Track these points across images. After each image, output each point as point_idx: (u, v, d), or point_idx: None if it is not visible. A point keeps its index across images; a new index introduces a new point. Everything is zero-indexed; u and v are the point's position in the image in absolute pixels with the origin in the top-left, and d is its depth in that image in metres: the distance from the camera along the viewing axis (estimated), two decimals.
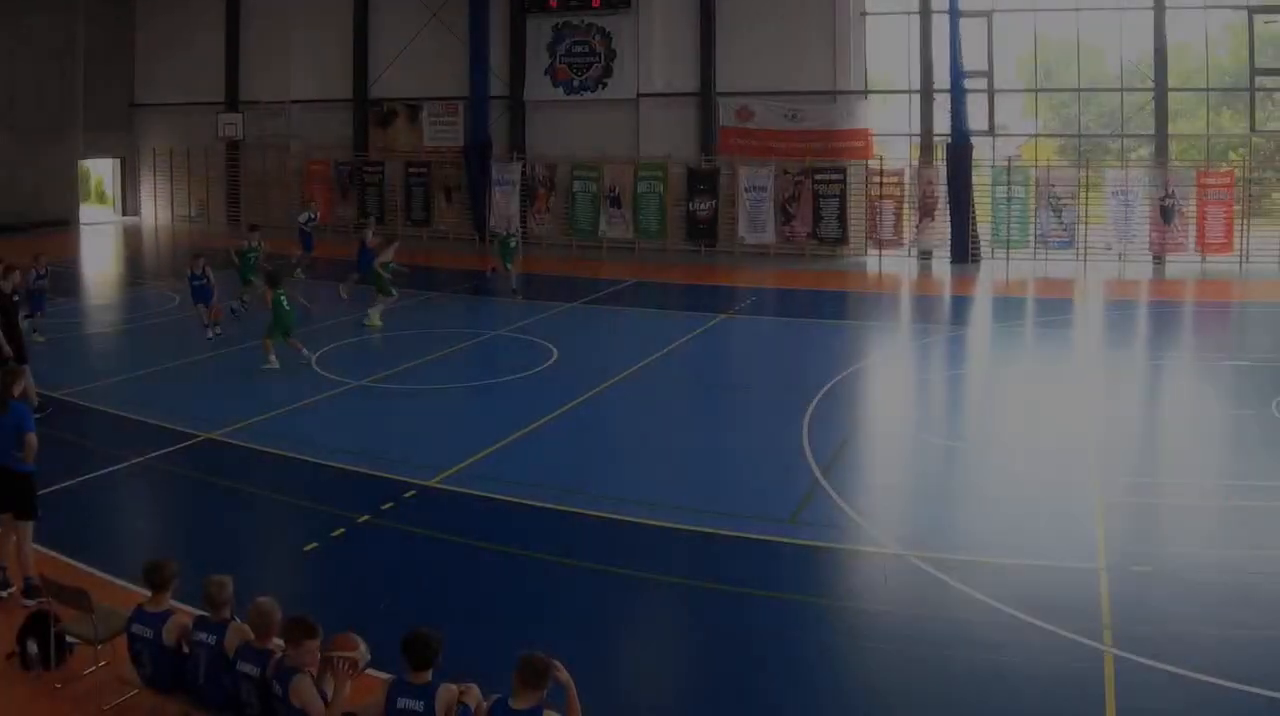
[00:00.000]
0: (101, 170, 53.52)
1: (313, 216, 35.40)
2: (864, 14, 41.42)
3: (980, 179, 39.42)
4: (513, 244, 32.23)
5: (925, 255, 40.49)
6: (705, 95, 41.87)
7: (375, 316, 27.20)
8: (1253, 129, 39.81)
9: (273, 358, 22.60)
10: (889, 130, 41.45)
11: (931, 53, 39.63)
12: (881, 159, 40.27)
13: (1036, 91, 41.88)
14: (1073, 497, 15.55)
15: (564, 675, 7.77)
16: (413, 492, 15.63)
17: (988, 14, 39.90)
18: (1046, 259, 38.78)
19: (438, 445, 17.95)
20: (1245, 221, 37.56)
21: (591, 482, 16.17)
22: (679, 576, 13.34)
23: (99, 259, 43.16)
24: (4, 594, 11.87)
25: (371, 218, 38.50)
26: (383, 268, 27.32)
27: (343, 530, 14.18)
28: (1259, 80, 39.11)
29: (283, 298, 22.73)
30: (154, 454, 17.45)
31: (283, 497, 16.02)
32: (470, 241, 43.73)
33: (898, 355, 26.20)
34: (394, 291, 27.49)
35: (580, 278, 36.34)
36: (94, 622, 10.05)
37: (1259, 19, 38.89)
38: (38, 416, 15.44)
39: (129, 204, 52.27)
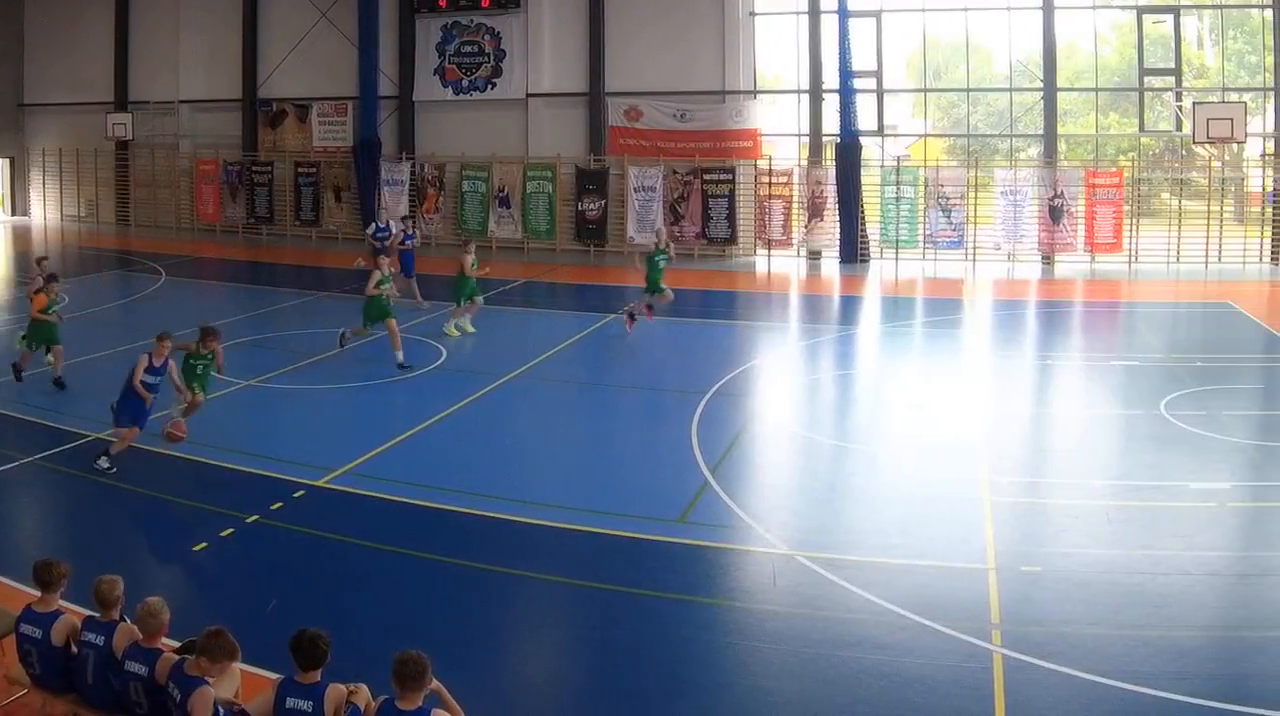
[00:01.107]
0: None
1: (406, 230, 30.57)
2: (753, 14, 39.26)
3: (869, 179, 37.61)
4: (664, 263, 26.02)
5: (814, 255, 38.57)
6: (594, 95, 39.68)
7: (465, 323, 25.47)
8: (1142, 129, 38.46)
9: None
10: (778, 130, 39.43)
11: (820, 53, 37.85)
12: (770, 159, 38.40)
13: (925, 91, 40.16)
14: (962, 498, 15.01)
15: (435, 683, 7.50)
16: (302, 492, 15.01)
17: (876, 14, 37.96)
18: (935, 259, 37.25)
19: (327, 445, 17.23)
20: (1134, 221, 36.53)
21: (480, 482, 15.46)
22: (567, 576, 12.85)
23: None
24: None
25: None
26: (469, 271, 25.21)
27: (232, 530, 13.66)
28: (1148, 80, 37.59)
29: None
30: (42, 455, 16.63)
31: (172, 497, 15.18)
32: (359, 241, 40.03)
33: (787, 355, 25.18)
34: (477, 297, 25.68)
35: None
36: None
37: (1148, 19, 37.39)
38: None
39: (18, 204, 49.20)
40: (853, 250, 37.24)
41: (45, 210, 49.04)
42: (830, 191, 37.46)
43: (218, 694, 7.75)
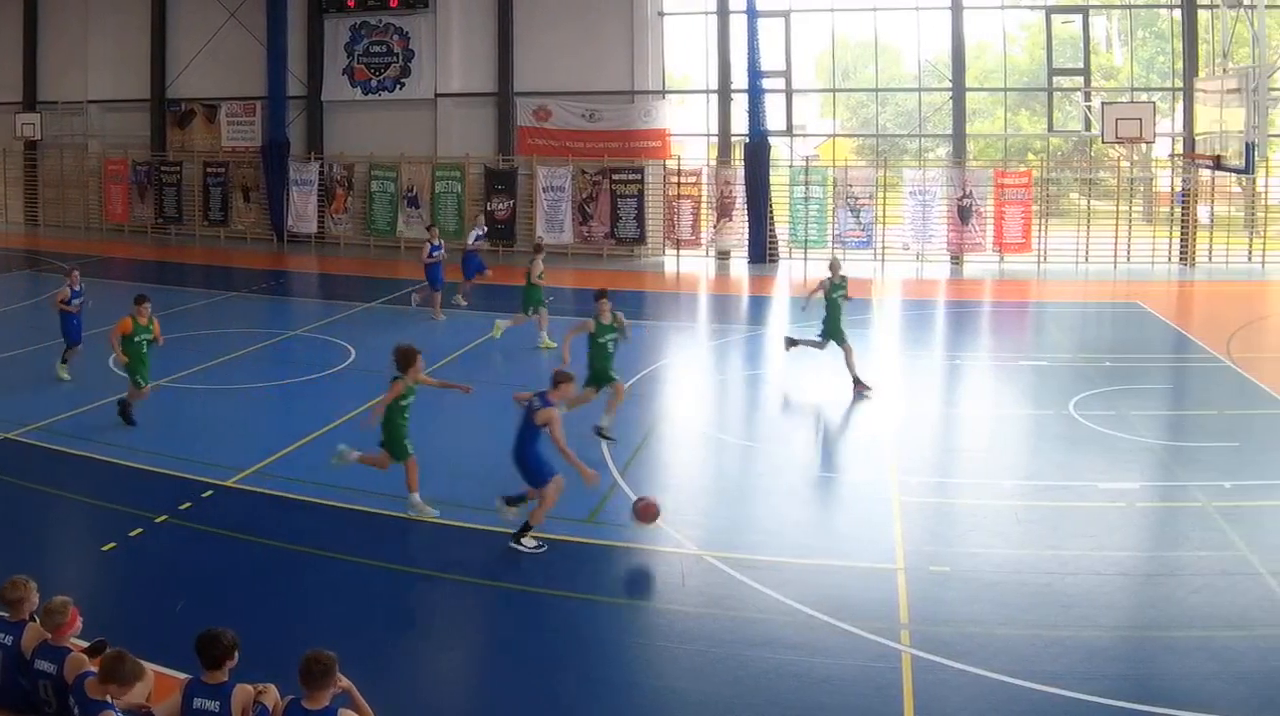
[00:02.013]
0: None
1: (481, 234, 29.09)
2: (661, 14, 37.44)
3: (778, 179, 36.18)
4: (841, 292, 20.45)
5: (723, 255, 37.00)
6: (503, 95, 37.78)
7: (500, 327, 24.03)
8: (1050, 129, 36.84)
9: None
10: (686, 130, 37.96)
11: (729, 53, 36.26)
12: (679, 159, 36.69)
13: (834, 91, 38.77)
14: (871, 498, 14.67)
15: (345, 682, 7.25)
16: (210, 492, 14.60)
17: (785, 14, 36.35)
18: (844, 259, 35.90)
19: (236, 445, 16.62)
20: (1043, 221, 35.31)
21: (388, 483, 14.46)
22: (476, 576, 12.46)
23: None
24: None
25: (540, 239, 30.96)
26: (536, 278, 23.65)
27: (141, 530, 13.25)
28: (1056, 80, 36.02)
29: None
30: None
31: (81, 497, 14.72)
32: (268, 241, 39.76)
33: (696, 355, 24.49)
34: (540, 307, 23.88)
35: (378, 277, 33.43)
36: None
37: (1056, 19, 35.68)
38: None
39: None
40: (761, 250, 35.71)
41: None
42: (739, 191, 35.99)
43: (129, 699, 7.42)
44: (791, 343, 20.90)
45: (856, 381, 19.55)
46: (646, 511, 13.17)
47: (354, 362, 22.21)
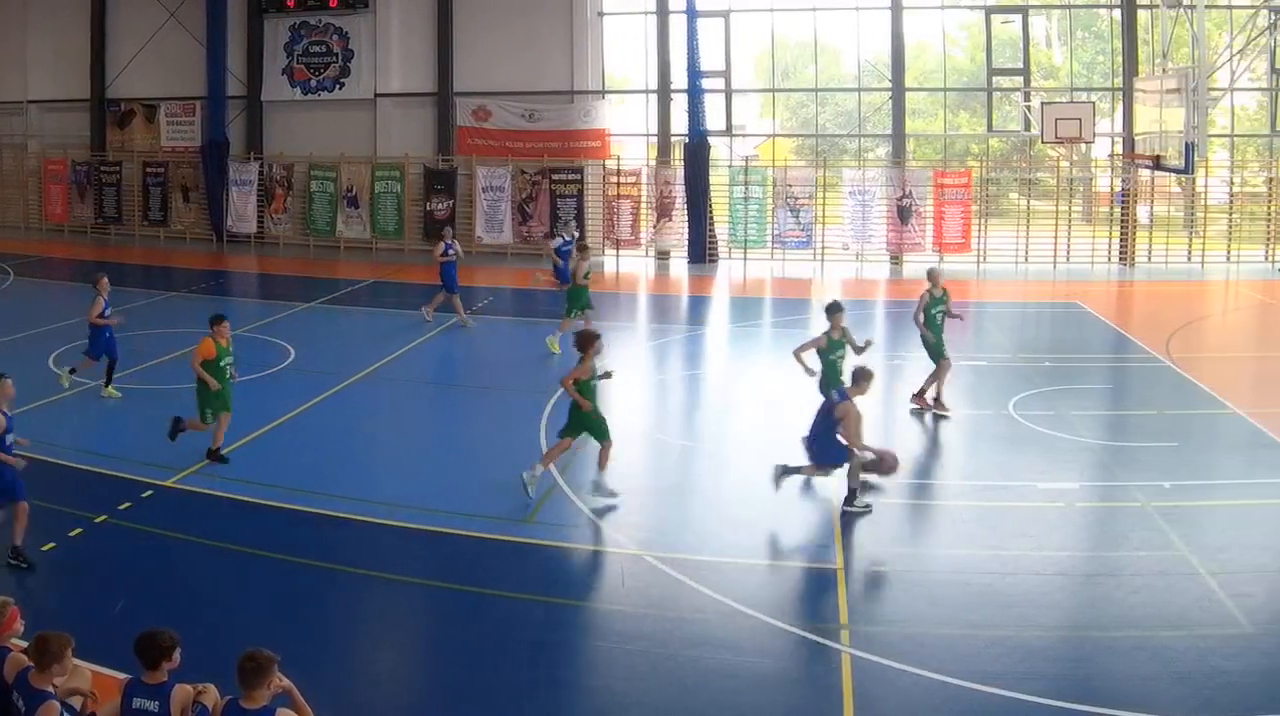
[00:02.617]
0: None
1: (568, 240, 26.39)
2: (601, 14, 36.34)
3: (717, 179, 35.09)
4: (942, 308, 18.88)
5: (663, 255, 35.88)
6: (442, 95, 36.60)
7: (555, 342, 22.56)
8: (990, 129, 35.90)
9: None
10: (626, 130, 36.71)
11: (669, 53, 35.17)
12: (619, 159, 35.56)
13: (774, 91, 37.54)
14: (810, 498, 14.39)
15: (285, 682, 7.03)
16: (150, 492, 14.32)
17: (725, 14, 35.25)
18: (784, 259, 34.95)
19: (175, 445, 15.82)
20: (982, 221, 34.31)
21: (328, 482, 14.67)
22: (415, 576, 12.29)
23: None
24: None
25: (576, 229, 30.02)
26: (581, 279, 22.56)
27: (81, 530, 13.00)
28: (996, 80, 35.12)
29: None
30: None
31: None
32: (208, 242, 38.52)
33: (635, 355, 23.72)
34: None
35: (318, 277, 32.57)
36: None
37: (996, 19, 34.80)
38: None
39: None
40: (701, 250, 34.67)
41: None
42: (678, 191, 34.95)
43: (72, 684, 7.38)
44: (785, 473, 14.78)
45: (937, 401, 18.27)
46: (889, 462, 13.74)
47: (293, 362, 21.74)
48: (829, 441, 13.60)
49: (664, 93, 35.83)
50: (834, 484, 14.35)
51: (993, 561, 12.33)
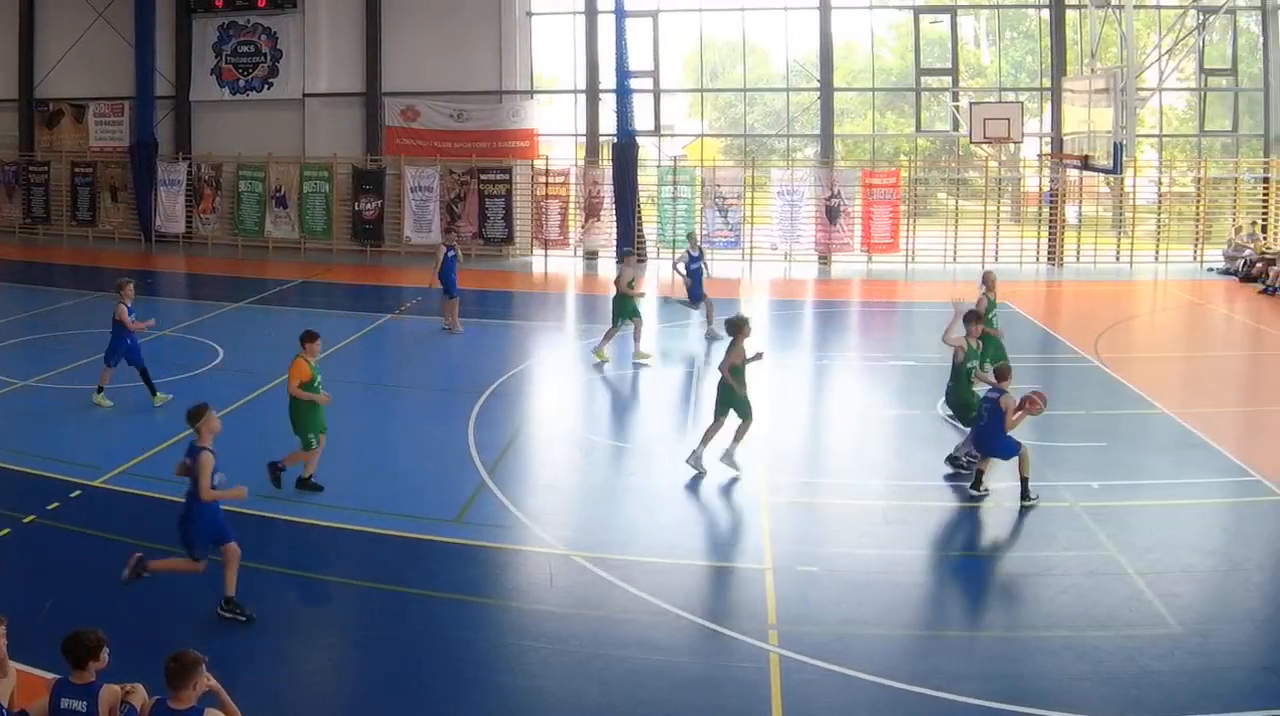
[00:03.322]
0: None
1: (695, 256, 24.30)
2: (530, 14, 35.30)
3: (646, 179, 34.22)
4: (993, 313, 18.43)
5: (591, 255, 34.92)
6: (371, 95, 35.43)
7: (606, 351, 21.61)
8: (919, 129, 34.83)
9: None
10: (555, 130, 35.76)
11: (597, 53, 34.24)
12: (547, 159, 34.59)
13: (703, 91, 36.66)
14: (739, 498, 14.20)
15: (212, 683, 6.98)
16: (78, 492, 14.07)
17: (653, 14, 34.31)
18: (712, 259, 33.89)
19: (103, 445, 15.99)
20: (911, 221, 33.50)
21: (255, 482, 13.59)
22: (344, 576, 12.01)
23: None
24: None
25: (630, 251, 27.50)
26: (626, 288, 21.41)
27: (8, 530, 12.78)
28: (924, 80, 34.13)
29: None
30: None
31: None
32: (136, 242, 37.37)
33: (564, 355, 23.39)
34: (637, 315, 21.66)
35: (246, 277, 31.75)
36: None
37: (924, 19, 33.87)
38: None
39: None
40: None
41: None
42: (607, 191, 33.96)
43: None
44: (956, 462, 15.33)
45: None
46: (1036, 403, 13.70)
47: (222, 362, 21.37)
48: (1000, 434, 13.61)
49: (592, 93, 34.80)
50: (761, 485, 14.34)
51: (921, 561, 12.31)
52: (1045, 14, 34.04)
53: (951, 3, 34.45)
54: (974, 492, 13.83)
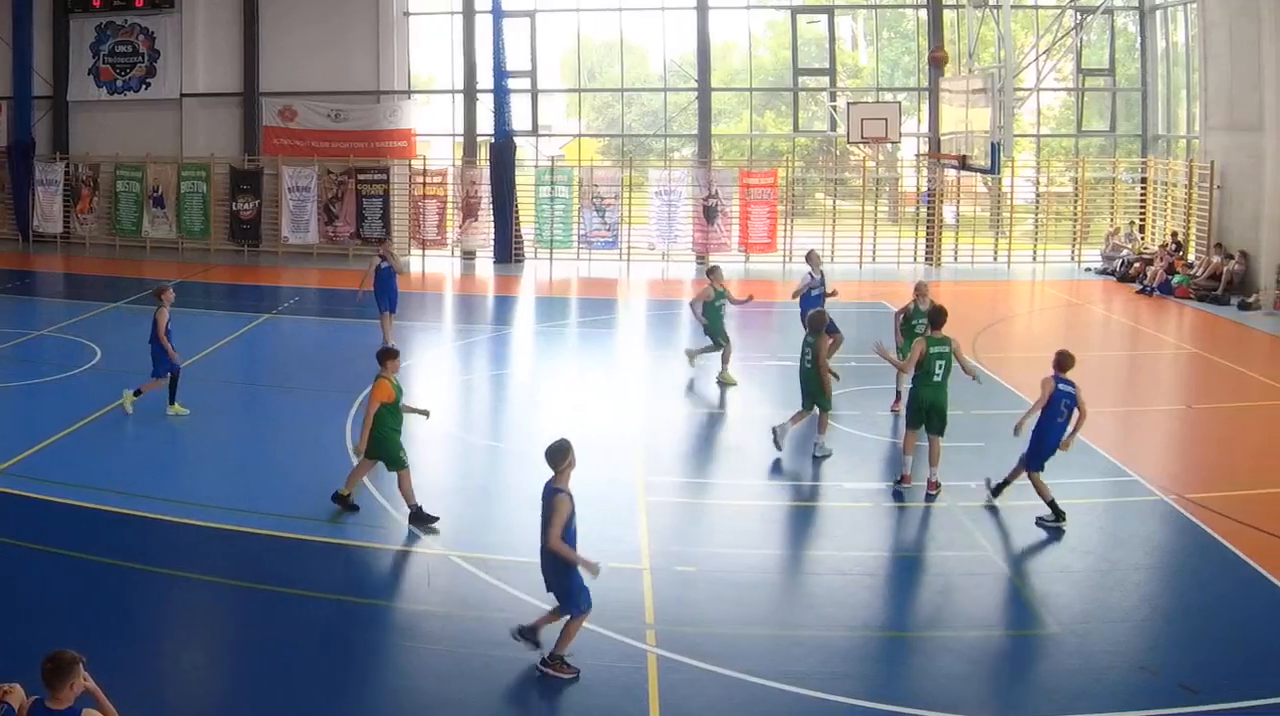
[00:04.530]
0: None
1: (819, 279, 20.02)
2: (407, 14, 33.79)
3: (523, 179, 32.75)
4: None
5: (469, 255, 33.45)
6: (248, 95, 33.87)
7: (727, 372, 19.57)
8: (796, 129, 33.61)
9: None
10: (432, 130, 34.33)
11: (475, 52, 32.90)
12: (425, 159, 33.18)
13: (580, 91, 34.99)
14: (616, 497, 13.59)
15: (90, 683, 6.63)
16: None
17: (531, 14, 32.84)
18: (590, 259, 32.71)
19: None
20: (788, 221, 32.22)
21: (134, 482, 13.87)
22: (222, 576, 11.59)
23: None
24: None
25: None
26: (711, 302, 19.36)
27: None
28: (802, 80, 32.87)
29: None
30: None
31: None
32: (14, 242, 35.62)
33: (440, 355, 22.87)
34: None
35: (124, 277, 30.30)
36: None
37: (802, 19, 32.52)
38: None
39: None
40: (507, 250, 32.28)
41: None
42: (485, 191, 32.49)
43: None
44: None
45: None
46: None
47: (99, 363, 20.60)
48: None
49: (470, 92, 33.32)
50: (638, 485, 14.14)
51: (799, 561, 12.25)
52: (923, 14, 33.19)
53: (829, 3, 33.51)
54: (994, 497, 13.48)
